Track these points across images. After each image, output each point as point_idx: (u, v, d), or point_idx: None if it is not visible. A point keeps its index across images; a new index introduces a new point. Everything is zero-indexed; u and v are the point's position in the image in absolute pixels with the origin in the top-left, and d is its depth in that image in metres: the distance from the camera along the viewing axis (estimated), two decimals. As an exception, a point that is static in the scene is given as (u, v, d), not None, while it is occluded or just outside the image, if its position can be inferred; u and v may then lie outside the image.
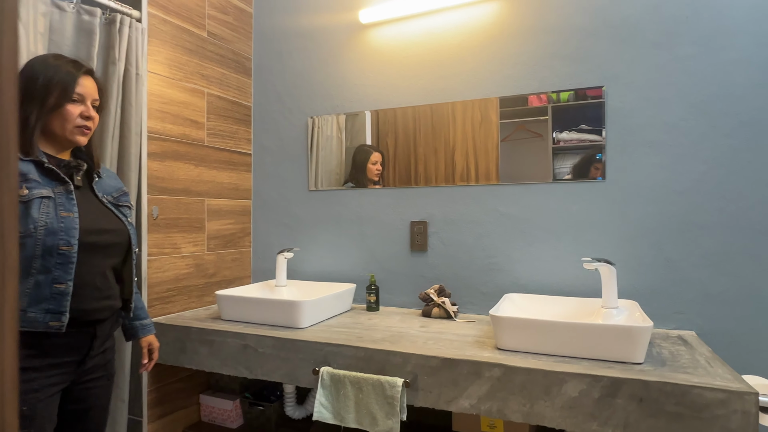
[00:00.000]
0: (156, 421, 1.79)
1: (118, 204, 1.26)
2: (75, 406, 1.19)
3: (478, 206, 1.85)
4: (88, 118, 1.17)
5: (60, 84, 1.11)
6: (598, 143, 1.66)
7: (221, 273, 2.11)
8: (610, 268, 1.44)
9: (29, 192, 1.05)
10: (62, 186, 1.12)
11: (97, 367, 1.21)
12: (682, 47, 1.57)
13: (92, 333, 1.16)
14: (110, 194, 1.26)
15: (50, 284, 1.06)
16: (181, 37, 1.90)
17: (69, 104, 1.13)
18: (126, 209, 1.29)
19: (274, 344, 1.51)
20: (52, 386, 1.10)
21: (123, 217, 1.24)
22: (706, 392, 1.05)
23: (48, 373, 1.08)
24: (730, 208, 1.52)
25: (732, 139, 1.52)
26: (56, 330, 1.06)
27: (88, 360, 1.18)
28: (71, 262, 1.08)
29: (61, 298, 1.07)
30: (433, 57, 1.92)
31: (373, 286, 1.90)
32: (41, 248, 1.04)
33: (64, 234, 1.08)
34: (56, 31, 1.50)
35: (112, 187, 1.28)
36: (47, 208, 1.06)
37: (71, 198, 1.12)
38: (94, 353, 1.19)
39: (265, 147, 2.27)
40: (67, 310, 1.08)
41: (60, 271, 1.07)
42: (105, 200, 1.22)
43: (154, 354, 1.40)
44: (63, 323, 1.07)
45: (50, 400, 1.09)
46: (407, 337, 1.48)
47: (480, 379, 1.25)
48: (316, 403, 1.36)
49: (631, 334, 1.20)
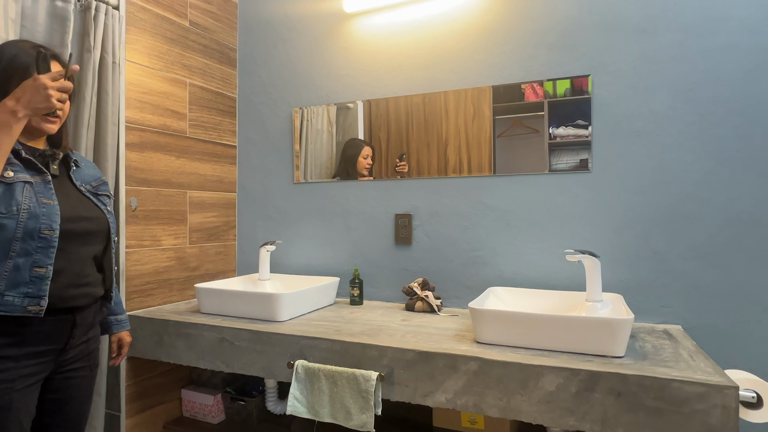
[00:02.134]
0: (135, 415, 1.76)
1: (97, 193, 1.24)
2: (55, 396, 1.16)
3: (463, 199, 1.81)
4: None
5: (20, 68, 1.08)
6: (591, 134, 1.62)
7: (204, 266, 2.07)
8: (593, 260, 1.41)
9: (14, 174, 1.04)
10: (39, 176, 1.10)
11: (79, 357, 1.19)
12: (669, 34, 1.53)
13: (72, 321, 1.14)
14: (89, 183, 1.23)
15: (30, 268, 1.03)
16: (162, 26, 1.87)
17: None
18: (105, 198, 1.27)
19: (250, 337, 1.48)
20: (30, 376, 1.07)
21: (102, 205, 1.22)
22: (685, 386, 1.02)
23: (25, 363, 1.06)
24: (718, 198, 1.48)
25: (720, 128, 1.48)
26: (34, 314, 1.04)
27: (69, 349, 1.15)
28: (52, 247, 1.06)
29: (40, 282, 1.04)
30: (418, 46, 1.89)
31: (356, 279, 1.86)
32: (22, 231, 1.02)
33: (46, 218, 1.06)
34: (28, 17, 1.47)
35: (91, 176, 1.26)
36: (29, 193, 1.05)
37: (49, 187, 1.10)
38: (74, 342, 1.16)
39: (251, 139, 2.24)
40: (46, 295, 1.05)
41: (41, 254, 1.04)
42: (83, 189, 1.20)
43: (123, 350, 1.41)
44: (42, 308, 1.04)
45: (27, 391, 1.06)
46: (386, 331, 1.45)
47: (456, 373, 1.21)
48: (290, 396, 1.33)
49: (610, 327, 1.16)
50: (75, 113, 1.55)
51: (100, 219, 1.19)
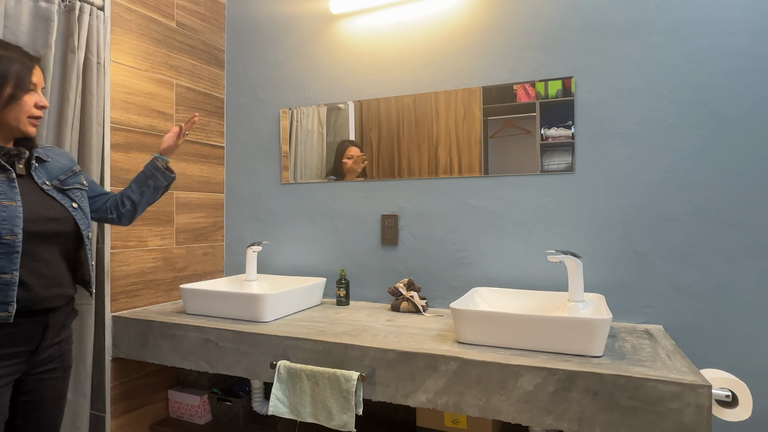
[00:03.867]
0: (121, 416, 1.76)
1: (64, 188, 1.22)
2: (28, 398, 1.16)
3: (449, 199, 1.82)
4: (43, 107, 1.15)
5: (15, 74, 1.09)
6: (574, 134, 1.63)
7: (191, 267, 2.07)
8: (575, 261, 1.42)
9: None
10: (3, 174, 1.09)
11: (51, 358, 1.19)
12: (651, 36, 1.54)
13: (44, 322, 1.14)
14: (55, 178, 1.21)
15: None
16: (148, 26, 1.86)
17: (26, 95, 1.11)
18: (75, 192, 1.24)
19: (234, 338, 1.48)
20: (2, 377, 1.07)
21: (68, 202, 1.20)
22: (659, 385, 1.03)
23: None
24: (699, 200, 1.49)
25: (700, 130, 1.49)
26: (3, 321, 1.04)
27: (42, 350, 1.15)
28: (16, 252, 1.05)
29: (6, 289, 1.04)
30: (405, 47, 1.89)
31: (343, 280, 1.87)
32: None
33: (6, 223, 1.05)
34: (11, 17, 1.46)
35: (59, 169, 1.24)
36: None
37: (13, 186, 1.09)
38: (47, 343, 1.16)
39: (238, 139, 2.24)
40: (13, 300, 1.05)
41: (4, 260, 1.04)
42: (46, 187, 1.18)
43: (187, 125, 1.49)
44: (10, 314, 1.05)
45: (0, 392, 1.06)
46: (370, 331, 1.45)
47: (436, 373, 1.22)
48: (272, 397, 1.33)
49: (589, 327, 1.17)
50: (59, 114, 1.54)
51: (65, 219, 1.18)
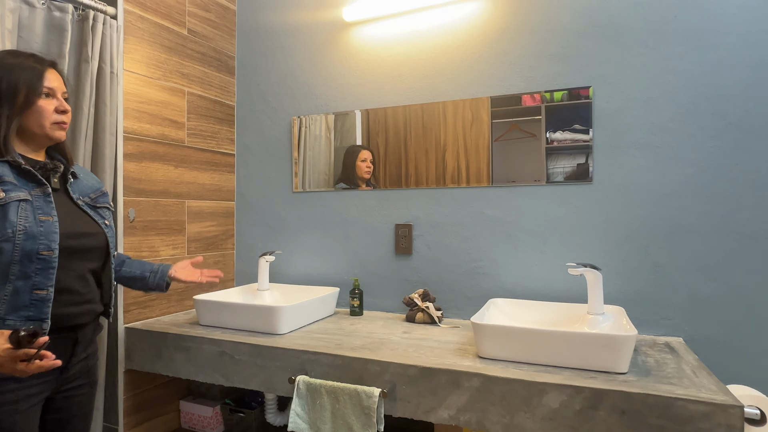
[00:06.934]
0: (133, 428, 1.74)
1: (96, 206, 1.22)
2: (57, 416, 1.15)
3: (463, 209, 1.81)
4: (64, 111, 1.13)
5: (25, 81, 1.07)
6: (590, 144, 1.62)
7: (202, 276, 2.06)
8: (595, 274, 1.41)
9: (6, 195, 1.01)
10: (39, 188, 1.08)
11: (79, 374, 1.18)
12: (670, 47, 1.53)
13: (74, 338, 1.13)
14: (87, 195, 1.21)
15: (30, 290, 1.02)
16: (160, 34, 1.85)
17: (40, 100, 1.09)
18: (105, 211, 1.24)
19: (250, 351, 1.47)
20: (33, 396, 1.05)
21: (100, 219, 1.20)
22: (689, 404, 1.02)
23: (29, 383, 1.04)
24: (718, 211, 1.48)
25: (720, 141, 1.48)
26: None
27: (71, 367, 1.14)
28: (52, 268, 1.04)
29: (41, 305, 1.03)
30: (419, 56, 1.88)
31: (356, 290, 1.86)
32: (20, 253, 1.00)
33: (44, 238, 1.03)
34: (25, 28, 1.45)
35: (89, 187, 1.24)
36: (25, 212, 1.02)
37: (49, 201, 1.08)
38: (76, 360, 1.15)
39: (249, 147, 2.22)
40: (48, 317, 1.04)
41: (40, 276, 1.03)
42: (80, 202, 1.18)
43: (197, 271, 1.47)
44: (45, 330, 1.03)
45: (30, 412, 1.05)
46: (388, 344, 1.44)
47: (459, 389, 1.21)
48: (291, 413, 1.31)
49: (614, 344, 1.16)
50: (73, 124, 1.53)
51: (98, 234, 1.17)
